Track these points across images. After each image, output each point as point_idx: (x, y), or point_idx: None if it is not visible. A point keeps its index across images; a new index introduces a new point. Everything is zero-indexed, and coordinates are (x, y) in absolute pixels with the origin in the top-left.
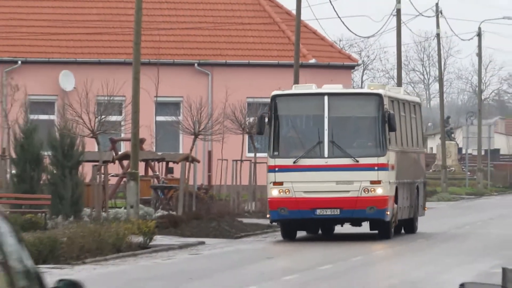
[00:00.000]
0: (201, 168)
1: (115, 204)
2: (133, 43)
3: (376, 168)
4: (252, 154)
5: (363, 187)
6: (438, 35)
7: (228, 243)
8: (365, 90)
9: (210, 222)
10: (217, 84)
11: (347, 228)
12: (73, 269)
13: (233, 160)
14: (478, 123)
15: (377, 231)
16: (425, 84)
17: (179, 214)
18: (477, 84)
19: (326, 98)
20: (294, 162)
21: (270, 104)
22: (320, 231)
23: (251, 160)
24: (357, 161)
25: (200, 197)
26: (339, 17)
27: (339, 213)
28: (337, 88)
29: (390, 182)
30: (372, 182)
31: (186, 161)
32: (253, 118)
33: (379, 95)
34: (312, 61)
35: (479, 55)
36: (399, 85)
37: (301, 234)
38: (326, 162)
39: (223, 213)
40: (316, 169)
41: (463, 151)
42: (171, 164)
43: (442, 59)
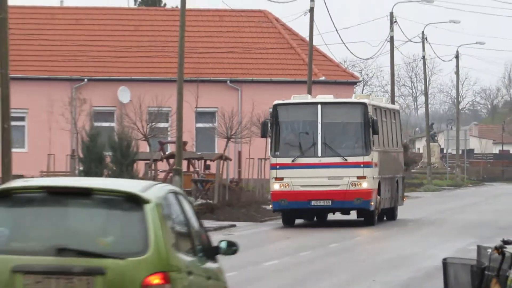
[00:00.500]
0: (232, 165)
1: None
2: (178, 64)
3: (362, 165)
4: None
5: (351, 182)
6: (423, 57)
7: (255, 226)
8: (352, 99)
9: (240, 208)
10: (245, 97)
11: (338, 216)
12: None
13: (258, 159)
14: (456, 128)
15: (363, 219)
16: (413, 97)
17: (215, 202)
18: (455, 97)
19: (319, 106)
20: (292, 161)
21: (272, 112)
22: (315, 219)
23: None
24: (346, 160)
25: (232, 188)
26: (343, 43)
27: (331, 204)
28: (329, 98)
29: (373, 177)
30: (358, 178)
31: (220, 159)
32: None
33: (364, 104)
34: (322, 78)
35: (457, 73)
36: (392, 97)
37: (298, 221)
38: (320, 161)
39: (251, 201)
40: (311, 166)
41: (444, 151)
42: (208, 162)
43: (427, 77)
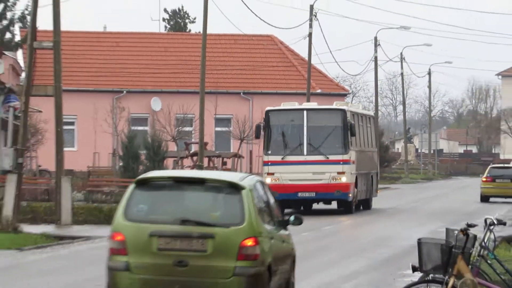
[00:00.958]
0: (245, 162)
1: None
2: (200, 79)
3: (341, 162)
4: None
5: (332, 176)
6: (402, 74)
7: None
8: (333, 106)
9: None
10: (256, 106)
11: (321, 206)
12: None
13: None
14: (428, 132)
15: (343, 208)
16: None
17: None
18: (428, 106)
19: (305, 112)
20: (282, 158)
21: (265, 117)
22: (302, 208)
23: None
24: (328, 158)
25: None
26: (336, 62)
27: (315, 195)
28: (313, 105)
29: (351, 173)
30: (338, 173)
31: (235, 157)
32: None
33: (343, 110)
34: (318, 90)
35: (429, 87)
36: (376, 106)
37: (287, 210)
38: (305, 158)
39: None
40: (298, 163)
41: (419, 151)
42: (225, 159)
43: (405, 90)
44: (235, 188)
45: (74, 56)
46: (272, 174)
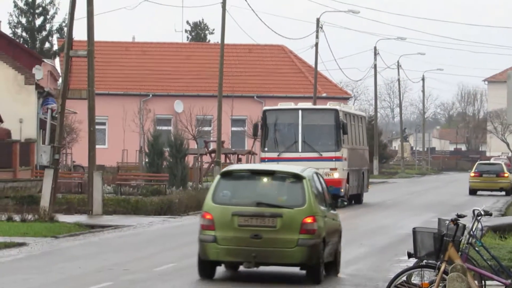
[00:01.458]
0: (258, 158)
1: (206, 180)
2: (218, 84)
3: (334, 159)
4: None
5: (325, 172)
6: (398, 80)
7: None
8: (326, 106)
9: None
10: None
11: None
12: (181, 218)
13: None
14: (422, 132)
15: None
16: (391, 108)
17: None
18: (422, 109)
19: (300, 112)
20: (278, 155)
21: (262, 116)
22: None
23: None
24: (321, 155)
25: None
26: (340, 69)
27: None
28: (308, 105)
29: (343, 169)
30: (331, 169)
31: (249, 154)
32: None
33: (336, 110)
34: (324, 94)
35: (423, 91)
36: (375, 108)
37: None
38: (300, 155)
39: None
40: (293, 160)
41: (414, 148)
42: (240, 156)
43: (401, 94)
44: (297, 178)
45: (106, 63)
46: None
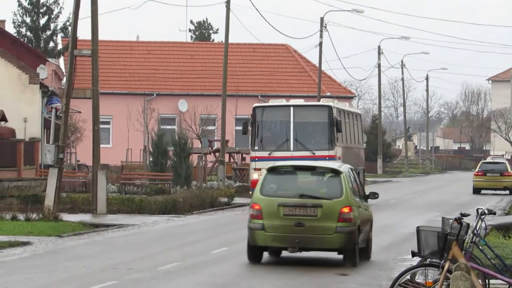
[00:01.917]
0: None
1: (210, 179)
2: (222, 83)
3: (327, 158)
4: None
5: None
6: (402, 79)
7: None
8: (319, 102)
9: None
10: None
11: None
12: (185, 217)
13: None
14: (426, 131)
15: None
16: (394, 108)
17: (248, 184)
18: (426, 108)
19: (291, 108)
20: (269, 154)
21: (252, 113)
22: None
23: None
24: (314, 153)
25: None
26: (344, 68)
27: None
28: (300, 102)
29: None
30: None
31: None
32: None
33: (329, 106)
34: (328, 94)
35: (427, 90)
36: (379, 108)
37: None
38: (292, 154)
39: None
40: (284, 159)
41: (418, 147)
42: (244, 155)
43: (405, 93)
44: (336, 172)
45: (110, 63)
46: (259, 169)
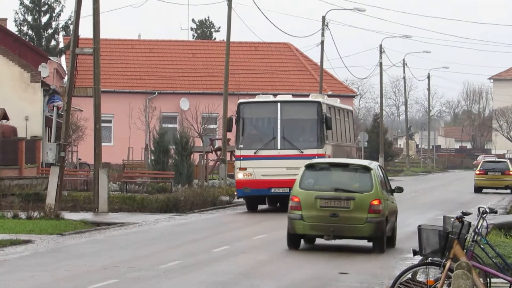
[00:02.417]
0: None
1: (212, 177)
2: (224, 82)
3: (316, 157)
4: None
5: None
6: (404, 78)
7: None
8: (308, 98)
9: None
10: None
11: None
12: (187, 216)
13: None
14: (428, 130)
15: None
16: (396, 107)
17: None
18: (427, 107)
19: (279, 104)
20: (255, 153)
21: (237, 109)
22: (278, 205)
23: None
24: (302, 152)
25: None
26: (345, 67)
27: (288, 191)
28: (288, 97)
29: None
30: None
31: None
32: None
33: (319, 102)
34: (329, 92)
35: (428, 89)
36: (381, 107)
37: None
38: (279, 153)
39: None
40: (271, 158)
41: (419, 146)
42: None
43: (406, 92)
44: (366, 169)
45: (112, 61)
46: (244, 169)
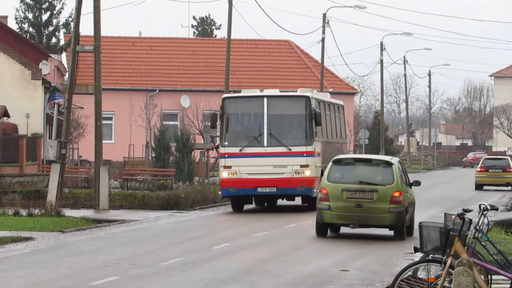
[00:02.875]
0: None
1: (213, 175)
2: (224, 79)
3: (305, 154)
4: None
5: (295, 170)
6: (405, 75)
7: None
8: (296, 93)
9: None
10: None
11: (286, 202)
12: (188, 213)
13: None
14: (428, 127)
15: (307, 204)
16: (397, 104)
17: None
18: (428, 104)
19: (265, 99)
20: (240, 150)
21: (222, 104)
22: (266, 204)
23: None
24: (290, 149)
25: None
26: (346, 64)
27: (275, 191)
28: (275, 92)
29: (316, 166)
30: (302, 166)
31: None
32: None
33: (307, 97)
34: (330, 90)
35: (429, 86)
36: (382, 104)
37: (248, 207)
38: (265, 150)
39: None
40: (257, 155)
41: (420, 143)
42: None
43: (407, 89)
44: (388, 164)
45: (113, 59)
46: (229, 167)
